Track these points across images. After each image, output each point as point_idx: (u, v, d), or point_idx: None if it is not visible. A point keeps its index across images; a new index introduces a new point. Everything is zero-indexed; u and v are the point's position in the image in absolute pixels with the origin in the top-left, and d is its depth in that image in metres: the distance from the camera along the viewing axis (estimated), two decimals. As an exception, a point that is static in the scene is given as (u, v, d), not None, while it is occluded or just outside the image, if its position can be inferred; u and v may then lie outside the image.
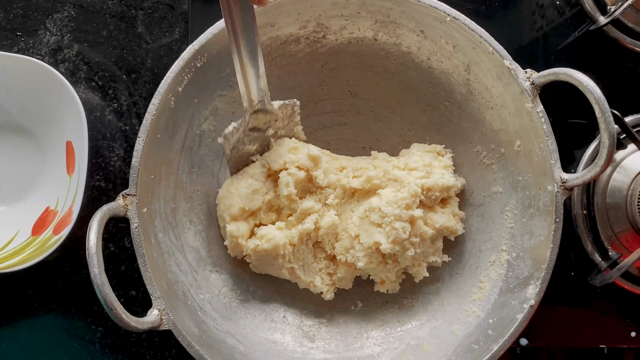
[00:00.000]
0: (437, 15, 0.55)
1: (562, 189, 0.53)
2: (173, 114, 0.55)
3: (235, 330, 0.58)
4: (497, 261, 0.59)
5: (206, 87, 0.57)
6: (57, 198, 0.62)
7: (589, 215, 0.65)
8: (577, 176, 0.52)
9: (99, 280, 0.46)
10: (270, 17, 0.56)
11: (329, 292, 0.60)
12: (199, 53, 0.54)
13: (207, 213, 0.61)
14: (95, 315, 0.64)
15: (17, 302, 0.64)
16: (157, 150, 0.54)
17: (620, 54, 0.68)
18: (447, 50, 0.58)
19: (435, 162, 0.60)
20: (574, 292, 0.65)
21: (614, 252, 0.64)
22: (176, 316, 0.52)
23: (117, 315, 0.46)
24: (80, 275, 0.64)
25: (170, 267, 0.55)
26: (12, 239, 0.61)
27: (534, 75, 0.54)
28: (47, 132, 0.64)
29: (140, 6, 0.68)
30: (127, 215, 0.52)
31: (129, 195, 0.52)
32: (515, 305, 0.54)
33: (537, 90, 0.54)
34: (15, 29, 0.66)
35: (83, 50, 0.67)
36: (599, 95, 0.49)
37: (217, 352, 0.54)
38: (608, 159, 0.49)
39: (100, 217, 0.49)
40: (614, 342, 0.65)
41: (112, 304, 0.46)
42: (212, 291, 0.59)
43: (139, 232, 0.52)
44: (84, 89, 0.66)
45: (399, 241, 0.56)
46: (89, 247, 0.46)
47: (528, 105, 0.54)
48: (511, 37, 0.68)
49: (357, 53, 0.62)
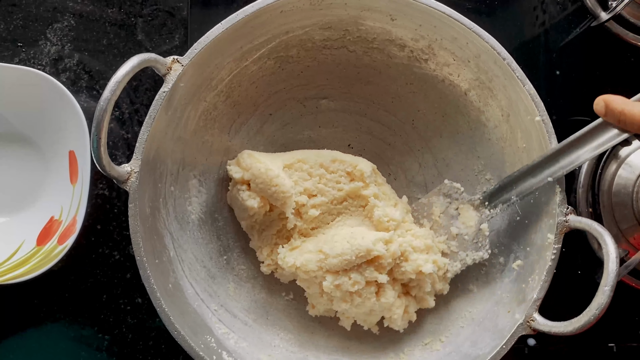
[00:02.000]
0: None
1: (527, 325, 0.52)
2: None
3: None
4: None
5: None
6: (61, 207, 0.62)
7: (594, 213, 0.64)
8: (549, 324, 0.51)
9: (105, 104, 0.45)
10: (393, 12, 0.55)
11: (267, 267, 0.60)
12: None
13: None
14: (102, 324, 0.64)
15: (23, 312, 0.64)
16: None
17: (623, 49, 0.68)
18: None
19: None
20: (581, 291, 0.65)
21: (621, 249, 0.63)
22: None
23: (98, 149, 0.46)
24: (86, 284, 0.64)
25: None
26: (17, 249, 0.62)
27: (571, 216, 0.53)
28: (49, 142, 0.64)
29: (139, 14, 0.68)
30: (165, 78, 0.51)
31: (179, 62, 0.51)
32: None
33: (566, 231, 0.53)
34: (16, 39, 0.66)
35: (84, 59, 0.67)
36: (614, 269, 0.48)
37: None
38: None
39: (140, 60, 0.47)
40: (623, 341, 0.65)
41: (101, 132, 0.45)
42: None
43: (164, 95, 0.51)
44: (86, 98, 0.66)
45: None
46: (115, 75, 0.46)
47: (550, 235, 0.53)
48: (512, 34, 0.68)
49: (440, 94, 0.61)
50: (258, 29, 0.55)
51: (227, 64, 0.56)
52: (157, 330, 0.65)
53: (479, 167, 0.62)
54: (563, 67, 0.68)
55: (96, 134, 0.46)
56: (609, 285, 0.47)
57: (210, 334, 0.54)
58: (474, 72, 0.57)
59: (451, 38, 0.56)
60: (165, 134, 0.54)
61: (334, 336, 0.61)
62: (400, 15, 0.56)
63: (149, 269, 0.51)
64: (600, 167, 0.64)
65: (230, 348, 0.55)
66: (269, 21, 0.54)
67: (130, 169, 0.51)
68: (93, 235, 0.65)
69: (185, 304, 0.54)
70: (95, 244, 0.65)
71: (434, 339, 0.58)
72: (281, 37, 0.57)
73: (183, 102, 0.54)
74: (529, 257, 0.56)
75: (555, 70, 0.68)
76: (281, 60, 0.60)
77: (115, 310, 0.65)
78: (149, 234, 0.52)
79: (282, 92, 0.63)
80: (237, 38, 0.54)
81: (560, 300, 0.64)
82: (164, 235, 0.55)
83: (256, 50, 0.57)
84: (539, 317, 0.51)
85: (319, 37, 0.58)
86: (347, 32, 0.58)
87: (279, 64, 0.60)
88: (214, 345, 0.54)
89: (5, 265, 0.60)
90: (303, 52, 0.60)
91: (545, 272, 0.52)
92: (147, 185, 0.53)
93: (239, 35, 0.54)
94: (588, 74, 0.68)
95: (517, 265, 0.56)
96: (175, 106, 0.53)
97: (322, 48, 0.60)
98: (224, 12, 0.64)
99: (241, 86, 0.59)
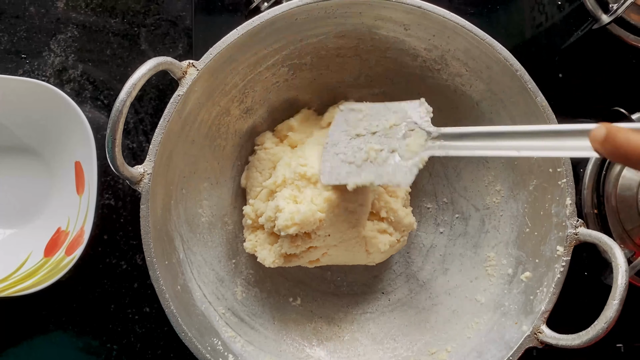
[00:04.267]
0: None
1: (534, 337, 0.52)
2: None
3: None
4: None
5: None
6: (67, 218, 0.62)
7: (599, 214, 0.65)
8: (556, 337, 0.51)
9: (121, 106, 0.46)
10: (407, 22, 0.56)
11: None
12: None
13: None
14: (110, 334, 0.64)
15: (32, 323, 0.64)
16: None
17: (625, 51, 0.68)
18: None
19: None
20: (587, 292, 0.65)
21: (627, 250, 0.63)
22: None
23: (113, 150, 0.47)
24: (94, 294, 0.64)
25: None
26: (25, 261, 0.62)
27: (581, 229, 0.53)
28: (55, 153, 0.64)
29: (142, 23, 0.68)
30: (180, 82, 0.51)
31: (195, 67, 0.52)
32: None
33: (575, 243, 0.53)
34: (20, 51, 0.66)
35: (88, 69, 0.67)
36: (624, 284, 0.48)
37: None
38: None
39: (157, 62, 0.48)
40: (630, 341, 0.65)
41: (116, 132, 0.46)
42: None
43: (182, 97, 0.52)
44: (90, 108, 0.66)
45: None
46: (132, 77, 0.46)
47: (560, 248, 0.53)
48: (513, 37, 0.68)
49: (451, 104, 0.61)
50: (273, 35, 0.55)
51: (242, 70, 0.56)
52: (165, 339, 0.65)
53: (490, 178, 0.62)
54: (565, 69, 0.68)
55: (111, 134, 0.46)
56: (617, 299, 0.47)
57: (217, 336, 0.55)
58: (485, 83, 0.58)
59: (464, 49, 0.56)
60: (178, 137, 0.54)
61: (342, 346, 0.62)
62: (414, 26, 0.56)
63: (158, 270, 0.51)
64: (604, 168, 0.64)
65: (236, 351, 0.55)
66: (283, 28, 0.55)
67: (143, 171, 0.51)
68: (100, 246, 0.65)
69: (193, 307, 0.55)
70: (103, 254, 0.65)
71: (440, 349, 0.58)
72: (295, 44, 0.57)
73: (197, 105, 0.55)
74: (537, 268, 0.56)
75: (558, 73, 0.68)
76: (295, 68, 0.60)
77: (123, 320, 0.65)
78: (159, 236, 0.53)
79: (295, 99, 0.63)
80: (252, 44, 0.55)
81: (567, 302, 0.64)
82: (174, 237, 0.55)
83: (270, 57, 0.57)
84: (547, 330, 0.52)
85: (333, 45, 0.59)
86: (360, 41, 0.58)
87: (293, 71, 0.60)
88: (221, 348, 0.54)
89: (13, 277, 0.60)
90: (317, 59, 0.60)
91: (554, 284, 0.53)
92: (159, 187, 0.53)
93: (254, 41, 0.54)
94: (590, 76, 0.68)
95: (525, 277, 0.57)
96: (189, 109, 0.54)
97: (336, 56, 0.60)
98: (227, 20, 0.65)
99: (255, 92, 0.60)
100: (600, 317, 0.47)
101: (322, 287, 0.65)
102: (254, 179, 0.60)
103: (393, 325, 0.62)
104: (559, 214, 0.54)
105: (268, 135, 0.62)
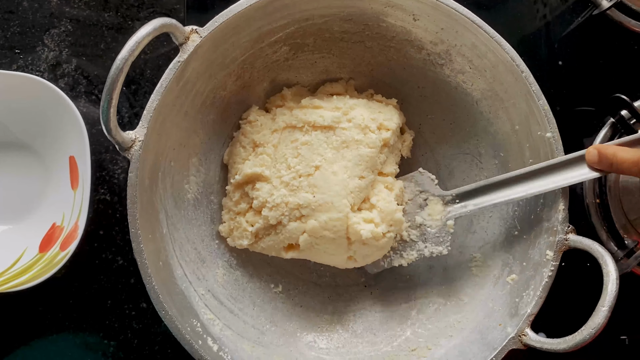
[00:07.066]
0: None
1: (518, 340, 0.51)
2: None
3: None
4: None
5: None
6: (62, 214, 0.62)
7: (602, 204, 0.63)
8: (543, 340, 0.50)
9: (122, 63, 0.45)
10: (417, 11, 0.55)
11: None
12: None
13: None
14: (107, 330, 0.64)
15: (28, 320, 0.64)
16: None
17: (626, 37, 0.67)
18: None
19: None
20: (590, 283, 0.64)
21: (630, 240, 0.62)
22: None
23: (108, 110, 0.46)
24: (91, 290, 0.64)
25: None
26: (19, 257, 0.61)
27: (571, 235, 0.52)
28: (49, 148, 0.64)
29: (136, 17, 0.67)
30: (182, 47, 0.50)
31: (198, 33, 0.51)
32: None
33: (565, 249, 0.52)
34: (14, 46, 0.66)
35: (82, 64, 0.66)
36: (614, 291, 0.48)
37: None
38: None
39: (161, 23, 0.47)
40: (635, 333, 0.64)
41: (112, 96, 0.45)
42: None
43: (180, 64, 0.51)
44: (85, 103, 0.66)
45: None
46: (136, 35, 0.45)
47: (550, 252, 0.52)
48: (513, 25, 0.67)
49: (450, 100, 0.61)
50: (279, 11, 0.54)
51: (243, 44, 0.56)
52: (162, 335, 0.64)
53: (482, 178, 0.61)
54: (566, 57, 0.67)
55: (108, 94, 0.44)
56: (606, 306, 0.46)
57: (196, 318, 0.54)
58: (488, 82, 0.57)
59: (471, 45, 0.55)
60: (173, 106, 0.53)
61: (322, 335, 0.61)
62: (424, 16, 0.55)
63: (142, 242, 0.50)
64: (606, 157, 0.63)
65: (215, 334, 0.54)
66: (291, 4, 0.54)
67: (135, 137, 0.50)
68: (96, 241, 0.65)
69: (173, 285, 0.53)
70: (99, 250, 0.65)
71: (421, 346, 0.57)
72: (300, 23, 0.56)
73: (195, 75, 0.54)
74: (524, 272, 0.55)
75: (558, 61, 0.67)
76: (297, 47, 0.59)
77: (120, 315, 0.64)
78: (144, 208, 0.51)
79: (293, 81, 0.63)
80: (257, 18, 0.54)
81: (572, 292, 0.63)
82: (159, 210, 0.54)
83: (274, 33, 0.56)
84: (531, 333, 0.51)
85: (338, 28, 0.58)
86: (367, 27, 0.58)
87: (294, 51, 0.59)
88: (200, 329, 0.53)
89: (8, 273, 0.60)
90: (320, 41, 0.59)
91: (541, 288, 0.52)
92: (148, 156, 0.51)
93: (260, 15, 0.54)
94: (591, 63, 0.67)
95: (511, 279, 0.56)
96: (186, 78, 0.53)
97: (340, 40, 0.59)
98: (220, 13, 0.64)
99: (253, 68, 0.59)
100: (588, 323, 0.47)
101: (304, 276, 0.64)
102: (237, 155, 0.60)
103: (374, 319, 0.62)
104: (550, 219, 0.53)
105: (254, 109, 0.61)
